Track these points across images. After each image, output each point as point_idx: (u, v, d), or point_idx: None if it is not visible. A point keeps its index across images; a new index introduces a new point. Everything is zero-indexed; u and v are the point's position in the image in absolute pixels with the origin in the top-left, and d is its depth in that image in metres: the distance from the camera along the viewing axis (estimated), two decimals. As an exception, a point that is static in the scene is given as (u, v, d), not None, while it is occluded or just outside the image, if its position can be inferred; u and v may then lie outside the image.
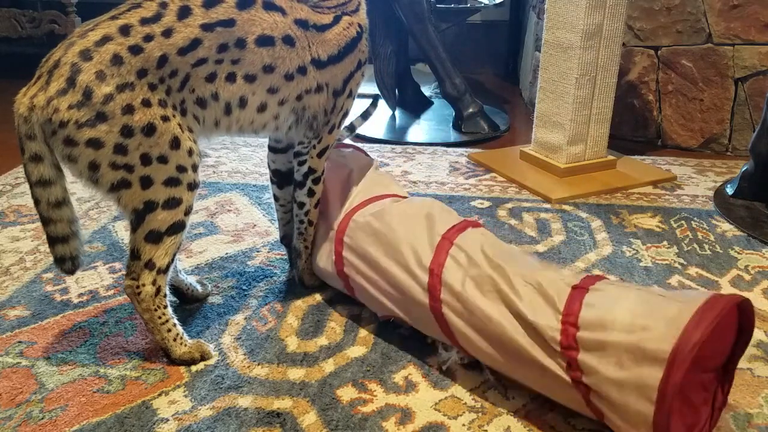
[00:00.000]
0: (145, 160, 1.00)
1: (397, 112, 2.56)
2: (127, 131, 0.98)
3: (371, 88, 2.78)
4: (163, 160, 1.01)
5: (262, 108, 1.12)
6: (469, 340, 1.03)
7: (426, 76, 2.85)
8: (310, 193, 1.25)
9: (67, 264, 1.05)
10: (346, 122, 1.33)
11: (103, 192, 1.02)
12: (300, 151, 1.24)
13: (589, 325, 0.90)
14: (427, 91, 2.78)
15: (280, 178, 1.32)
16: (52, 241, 1.04)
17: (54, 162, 0.99)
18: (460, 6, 2.61)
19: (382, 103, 2.56)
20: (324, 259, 1.27)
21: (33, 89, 0.97)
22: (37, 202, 1.01)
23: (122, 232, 1.57)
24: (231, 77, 1.07)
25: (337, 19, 1.15)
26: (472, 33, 3.24)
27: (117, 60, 0.97)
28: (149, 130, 0.99)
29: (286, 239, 1.38)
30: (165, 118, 1.01)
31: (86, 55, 0.96)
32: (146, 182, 1.01)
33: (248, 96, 1.10)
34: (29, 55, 3.30)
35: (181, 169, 1.03)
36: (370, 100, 1.58)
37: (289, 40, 1.09)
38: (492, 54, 3.28)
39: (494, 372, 1.07)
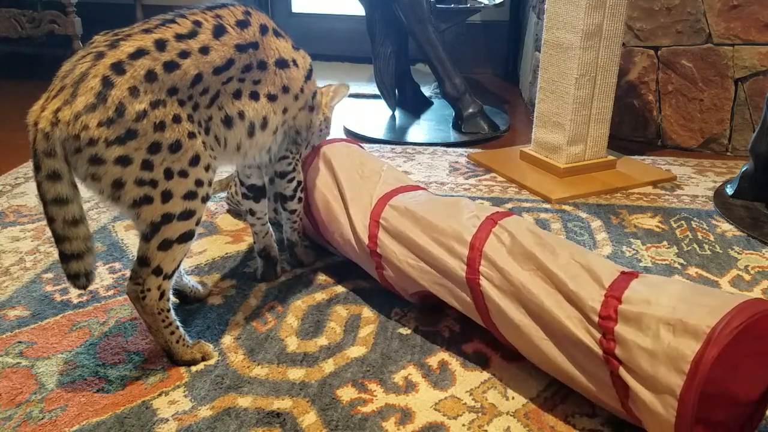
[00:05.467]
0: (168, 174, 0.99)
1: (397, 112, 2.55)
2: (155, 148, 0.97)
3: (371, 88, 2.79)
4: (183, 174, 1.01)
5: (275, 130, 1.18)
6: (502, 313, 1.03)
7: (426, 76, 2.85)
8: (300, 200, 1.35)
9: (81, 280, 1.00)
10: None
11: (124, 208, 0.99)
12: (285, 171, 1.29)
13: (632, 301, 0.91)
14: (427, 91, 2.78)
15: (257, 192, 1.30)
16: (66, 258, 0.98)
17: (72, 180, 0.94)
18: (460, 6, 2.60)
19: (381, 103, 2.57)
20: (351, 253, 1.31)
21: (56, 102, 0.91)
22: (51, 221, 0.95)
23: (122, 232, 1.57)
24: (254, 95, 1.12)
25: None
26: (472, 33, 3.24)
27: (151, 76, 0.95)
28: (176, 146, 0.99)
29: (264, 251, 1.35)
30: (192, 135, 1.01)
31: (119, 68, 0.93)
32: (167, 196, 1.00)
33: (270, 116, 1.15)
34: (29, 55, 3.33)
35: (199, 183, 1.04)
36: (371, 99, 1.60)
37: (294, 62, 1.19)
38: (492, 54, 3.28)
39: (498, 368, 1.07)
